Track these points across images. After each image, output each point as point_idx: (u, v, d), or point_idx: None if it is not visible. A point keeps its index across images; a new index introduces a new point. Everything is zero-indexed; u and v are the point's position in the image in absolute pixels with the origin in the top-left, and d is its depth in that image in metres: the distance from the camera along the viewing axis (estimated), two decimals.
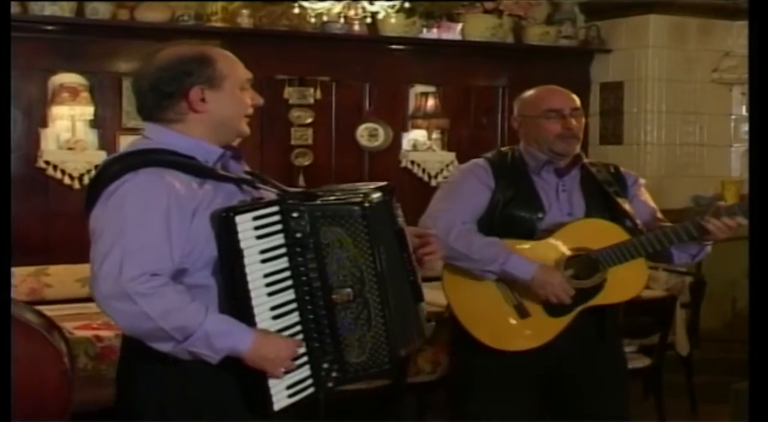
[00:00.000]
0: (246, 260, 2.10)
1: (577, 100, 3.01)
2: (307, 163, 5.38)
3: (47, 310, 4.08)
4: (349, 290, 2.19)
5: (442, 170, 5.68)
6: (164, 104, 2.21)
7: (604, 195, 2.95)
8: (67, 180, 4.77)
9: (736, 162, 6.02)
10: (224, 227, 2.10)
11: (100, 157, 4.81)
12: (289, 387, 2.17)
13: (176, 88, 2.20)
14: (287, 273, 2.17)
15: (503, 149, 3.09)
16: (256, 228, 2.12)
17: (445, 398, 4.51)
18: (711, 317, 5.40)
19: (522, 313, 2.90)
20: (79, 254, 3.73)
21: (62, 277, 4.68)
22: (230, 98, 2.22)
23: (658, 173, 5.90)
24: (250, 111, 2.27)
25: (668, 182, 5.90)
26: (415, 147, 5.69)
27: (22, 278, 4.59)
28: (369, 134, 5.55)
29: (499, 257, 2.84)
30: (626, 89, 5.97)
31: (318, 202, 2.20)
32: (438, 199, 3.03)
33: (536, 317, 2.88)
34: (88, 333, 3.62)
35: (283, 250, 2.16)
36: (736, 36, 5.97)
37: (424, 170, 5.65)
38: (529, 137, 2.97)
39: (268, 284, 2.15)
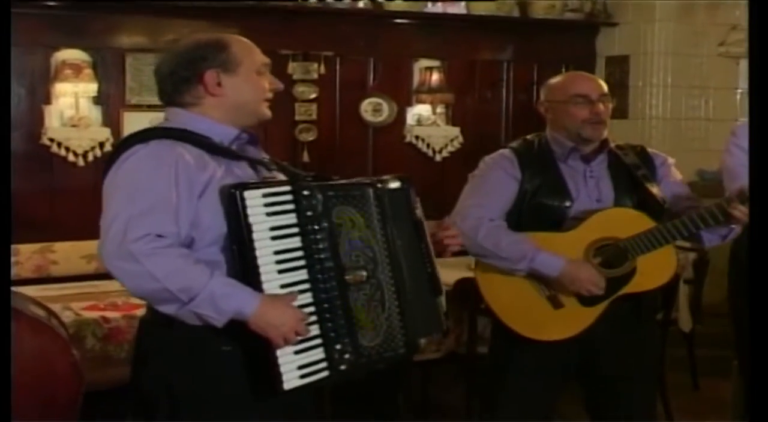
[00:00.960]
0: (255, 236, 2.12)
1: (605, 86, 3.01)
2: (311, 138, 5.37)
3: (53, 288, 4.16)
4: (362, 271, 2.21)
5: (446, 145, 5.68)
6: (182, 89, 2.29)
7: (632, 179, 2.95)
8: (71, 157, 4.78)
9: None
10: (233, 201, 2.12)
11: (105, 134, 4.83)
12: (300, 368, 2.16)
13: (192, 72, 2.27)
14: (300, 253, 2.18)
15: (528, 137, 3.08)
16: (266, 205, 2.14)
17: (449, 374, 4.58)
18: (713, 291, 5.38)
19: (556, 304, 2.93)
20: (85, 231, 3.78)
21: (68, 253, 4.71)
22: (246, 82, 2.28)
23: (663, 148, 5.78)
24: (269, 95, 2.32)
25: (673, 157, 5.80)
26: (419, 122, 5.68)
27: (28, 255, 4.62)
28: (373, 109, 5.54)
29: (526, 255, 2.85)
30: (632, 63, 5.94)
31: (331, 182, 2.25)
32: (466, 194, 3.04)
33: (570, 307, 2.91)
34: (95, 314, 3.63)
35: (295, 229, 2.18)
36: (743, 9, 5.91)
37: (428, 145, 5.65)
38: (557, 123, 2.97)
39: (279, 262, 2.16)
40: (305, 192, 2.19)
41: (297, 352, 2.16)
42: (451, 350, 4.26)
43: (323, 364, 2.20)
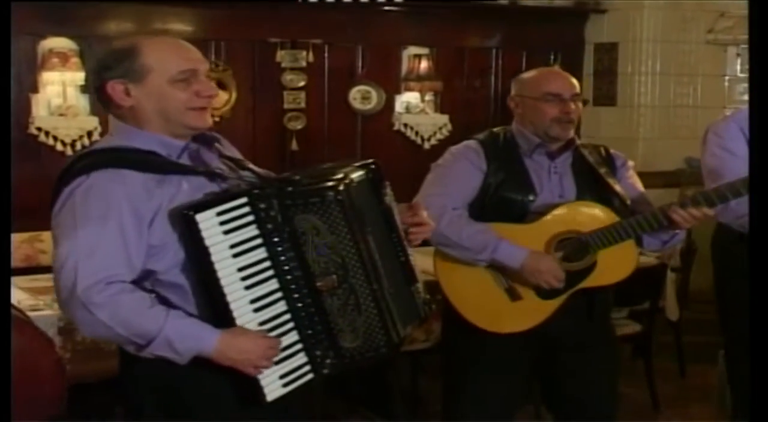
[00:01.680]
0: (214, 258, 2.06)
1: (578, 86, 2.99)
2: (299, 126, 5.36)
3: (42, 279, 4.14)
4: (333, 276, 2.16)
5: (435, 133, 5.68)
6: (100, 99, 2.19)
7: (595, 177, 2.95)
8: (59, 146, 4.76)
9: None
10: (186, 226, 2.05)
11: (92, 122, 4.81)
12: (282, 377, 2.15)
13: (98, 82, 2.17)
14: (267, 264, 2.14)
15: (495, 129, 3.08)
16: (222, 223, 2.07)
17: (439, 363, 4.59)
18: (700, 278, 5.41)
19: (513, 296, 2.92)
20: None
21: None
22: (156, 92, 2.13)
23: (651, 135, 5.90)
24: (196, 104, 2.16)
25: (661, 144, 5.90)
26: (408, 110, 5.68)
27: (17, 244, 4.61)
28: (362, 97, 5.53)
29: (488, 245, 2.84)
30: (621, 50, 5.94)
31: (289, 189, 2.14)
32: (430, 182, 3.02)
33: (528, 299, 2.91)
34: None
35: (258, 241, 2.12)
36: None
37: (417, 133, 5.65)
38: (525, 119, 2.96)
39: (244, 278, 2.10)
40: (262, 204, 2.11)
41: (277, 362, 2.14)
42: (439, 340, 4.27)
43: (306, 368, 2.20)
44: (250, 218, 2.11)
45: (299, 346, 2.19)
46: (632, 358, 4.79)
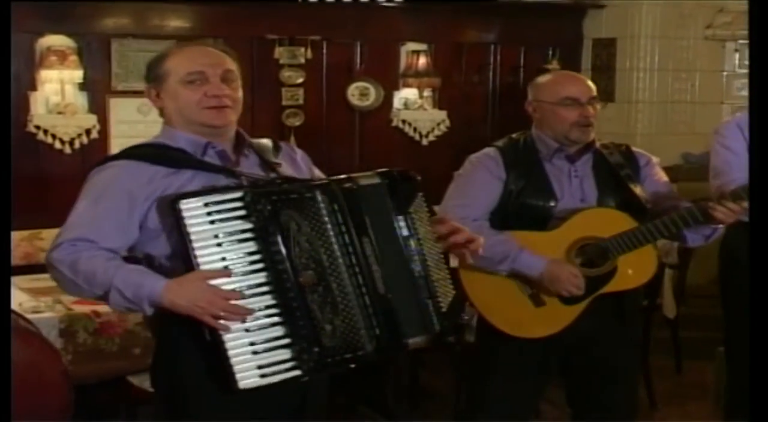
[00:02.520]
0: (195, 245, 2.13)
1: (594, 89, 3.01)
2: (298, 123, 5.36)
3: (43, 278, 4.14)
4: (310, 272, 2.21)
5: (433, 129, 5.68)
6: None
7: (615, 179, 2.98)
8: (58, 144, 4.76)
9: (728, 119, 6.01)
10: (172, 212, 2.15)
11: (91, 120, 4.82)
12: (261, 367, 2.16)
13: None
14: (257, 257, 2.19)
15: (514, 135, 3.10)
16: (209, 213, 2.15)
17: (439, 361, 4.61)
18: (697, 273, 5.45)
19: (537, 302, 2.96)
20: None
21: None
22: (172, 93, 2.34)
23: (649, 131, 5.90)
24: (207, 103, 2.31)
25: (659, 140, 5.90)
26: (406, 106, 5.67)
27: (17, 242, 4.62)
28: (360, 94, 5.53)
29: (509, 255, 2.88)
30: (619, 46, 5.93)
31: (284, 186, 2.26)
32: (450, 193, 3.06)
33: (551, 305, 2.94)
34: (86, 308, 3.63)
35: (248, 234, 2.19)
36: None
37: (415, 129, 5.65)
38: (544, 124, 2.99)
39: (227, 268, 2.16)
40: (250, 198, 2.19)
41: (256, 352, 2.16)
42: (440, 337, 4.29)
43: (290, 364, 2.20)
44: (242, 212, 2.19)
45: (284, 341, 2.19)
46: None
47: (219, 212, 2.16)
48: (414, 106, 5.67)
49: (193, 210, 2.14)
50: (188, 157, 2.30)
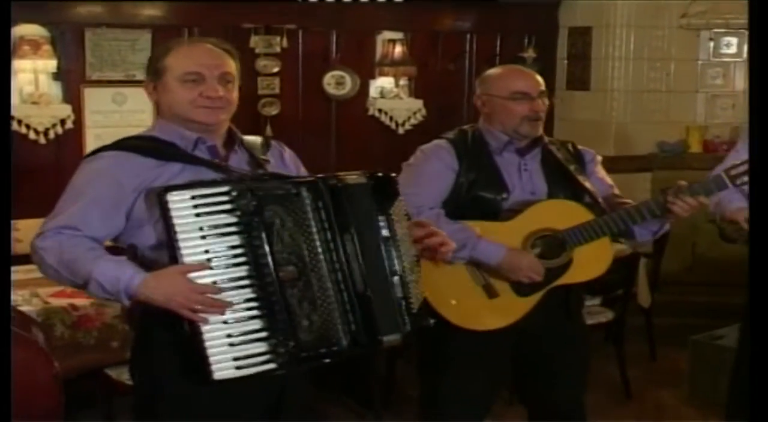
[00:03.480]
0: (179, 236, 2.15)
1: (543, 83, 3.01)
2: (274, 112, 5.35)
3: (20, 271, 4.12)
4: (291, 267, 2.23)
5: (409, 118, 5.68)
6: None
7: (564, 173, 2.99)
8: (32, 135, 4.73)
9: (701, 108, 6.04)
10: (159, 204, 2.18)
11: (66, 110, 4.78)
12: (237, 359, 2.18)
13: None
14: (239, 251, 2.21)
15: (464, 128, 3.09)
16: (196, 206, 2.17)
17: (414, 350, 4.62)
18: (671, 261, 5.50)
19: (490, 293, 2.95)
20: (48, 209, 3.74)
21: (31, 231, 4.52)
22: (168, 90, 2.38)
23: (624, 120, 5.93)
24: (200, 103, 2.33)
25: (634, 128, 5.94)
26: (382, 95, 5.67)
27: None
28: (336, 82, 5.52)
29: (468, 243, 2.86)
30: (594, 35, 5.94)
31: (264, 180, 2.29)
32: (403, 183, 3.01)
33: (505, 296, 2.94)
34: (64, 302, 3.62)
35: (232, 228, 2.21)
36: None
37: (391, 118, 5.65)
38: (493, 118, 2.99)
39: (209, 260, 2.18)
40: (236, 193, 2.21)
41: (233, 344, 2.18)
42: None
43: (265, 357, 2.22)
44: (226, 206, 2.21)
45: (262, 334, 2.21)
46: (604, 343, 4.85)
47: (205, 205, 2.19)
48: (390, 95, 5.67)
49: (179, 202, 2.16)
50: (178, 151, 2.34)
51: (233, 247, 2.21)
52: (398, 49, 5.57)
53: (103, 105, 4.88)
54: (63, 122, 4.77)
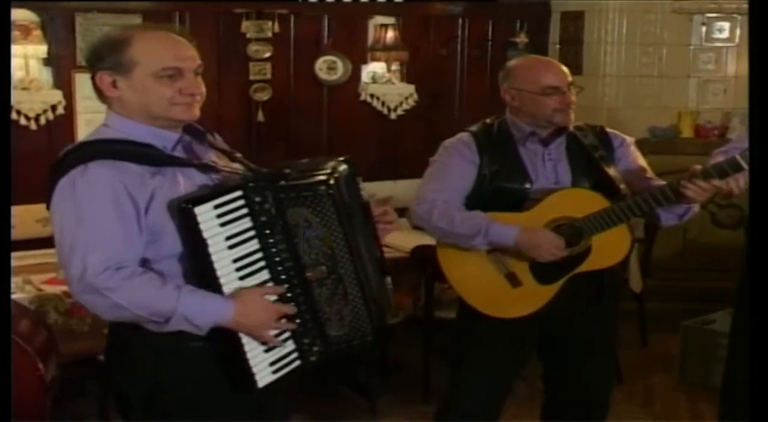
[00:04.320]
0: (211, 249, 2.13)
1: (570, 74, 3.02)
2: (266, 98, 5.33)
3: (13, 257, 4.11)
4: (323, 267, 2.23)
5: (401, 103, 5.66)
6: (93, 87, 2.26)
7: (589, 161, 3.01)
8: (23, 121, 4.68)
9: (693, 93, 6.05)
10: (185, 218, 2.11)
11: (56, 96, 4.74)
12: (272, 364, 2.23)
13: (90, 72, 2.24)
14: (259, 255, 2.21)
15: (488, 120, 3.12)
16: (219, 216, 2.14)
17: (409, 336, 4.64)
18: (662, 246, 5.52)
19: (514, 282, 3.00)
20: (39, 194, 3.71)
21: (23, 217, 4.65)
22: (139, 86, 2.17)
23: (616, 104, 5.94)
24: (179, 100, 2.19)
25: (625, 113, 5.94)
26: (374, 80, 5.64)
27: None
28: (328, 68, 5.50)
29: (481, 228, 2.90)
30: (587, 19, 5.94)
31: (282, 183, 2.21)
32: (426, 179, 3.09)
33: (528, 285, 2.99)
34: (57, 289, 3.63)
35: (251, 233, 2.20)
36: None
37: (383, 104, 5.63)
38: (523, 111, 3.01)
39: (239, 269, 2.18)
40: (257, 197, 2.18)
41: (267, 350, 2.22)
42: (409, 314, 4.33)
43: (294, 355, 2.27)
44: (245, 210, 2.19)
45: (288, 334, 2.25)
46: None
47: (227, 213, 2.16)
48: (382, 80, 5.65)
49: (205, 214, 2.12)
50: (163, 153, 2.22)
51: (255, 252, 2.20)
52: (390, 34, 5.54)
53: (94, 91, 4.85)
54: (54, 107, 4.72)
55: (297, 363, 2.27)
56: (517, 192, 2.98)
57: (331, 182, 2.22)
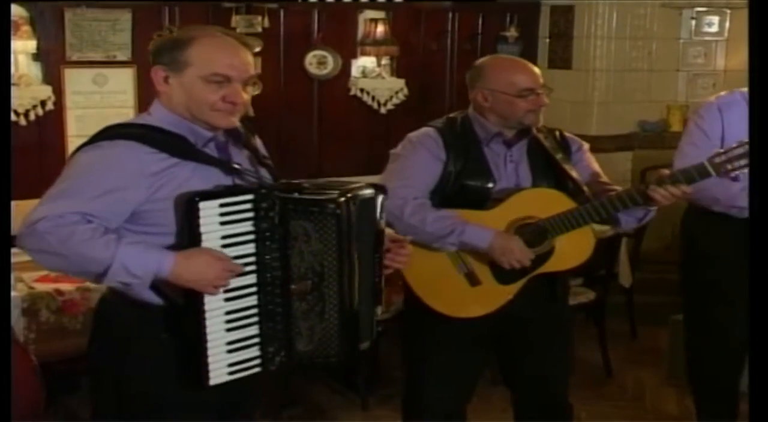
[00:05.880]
0: (203, 245, 2.16)
1: (541, 75, 3.01)
2: (256, 92, 5.28)
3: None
4: (308, 282, 2.24)
5: (391, 97, 5.67)
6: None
7: (550, 163, 3.00)
8: (12, 116, 4.66)
9: (682, 87, 6.07)
10: (188, 210, 2.15)
11: (46, 91, 4.74)
12: (231, 365, 2.24)
13: (151, 64, 2.31)
14: (252, 259, 2.23)
15: (452, 115, 3.09)
16: (222, 214, 2.17)
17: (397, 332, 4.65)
18: (652, 240, 5.54)
19: (473, 281, 2.97)
20: (29, 190, 3.72)
21: (14, 213, 4.61)
22: (187, 86, 2.26)
23: (605, 99, 5.94)
24: (220, 106, 2.25)
25: (615, 108, 5.95)
26: (364, 74, 5.65)
27: None
28: (318, 62, 5.50)
29: (455, 228, 2.88)
30: (577, 13, 5.94)
31: (295, 195, 2.23)
32: (390, 173, 3.03)
33: (487, 284, 2.96)
34: (49, 287, 3.61)
35: (249, 237, 2.22)
36: None
37: (373, 98, 5.63)
38: (494, 112, 2.98)
39: None
40: (264, 204, 2.21)
41: (231, 351, 2.23)
42: (400, 310, 4.32)
43: (256, 361, 2.28)
44: (250, 214, 2.22)
45: (256, 340, 2.27)
46: (585, 323, 4.89)
47: (230, 213, 2.18)
48: (372, 74, 5.65)
49: (208, 210, 2.15)
50: (191, 147, 2.27)
51: (248, 255, 2.22)
52: (380, 29, 5.54)
53: (84, 86, 4.85)
54: (43, 103, 4.72)
55: (257, 369, 2.28)
56: (481, 191, 2.96)
57: (342, 202, 2.22)
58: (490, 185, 2.96)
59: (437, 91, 5.86)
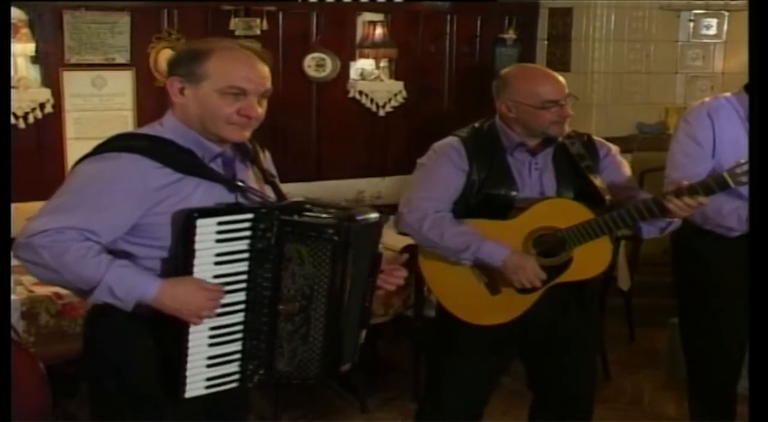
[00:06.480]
0: (196, 260, 2.16)
1: (566, 86, 3.01)
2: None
3: None
4: (297, 304, 2.25)
5: (390, 100, 5.66)
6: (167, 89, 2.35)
7: (575, 171, 3.01)
8: (11, 119, 4.67)
9: (681, 89, 6.08)
10: (185, 225, 2.15)
11: (45, 94, 4.73)
12: (209, 379, 2.26)
13: (167, 75, 2.33)
14: (243, 277, 2.24)
15: (477, 124, 3.11)
16: (219, 232, 2.17)
17: (396, 333, 4.65)
18: (650, 242, 5.51)
19: (493, 290, 3.02)
20: (29, 193, 3.73)
21: (13, 216, 4.62)
22: (203, 98, 2.25)
23: (604, 101, 5.95)
24: (235, 119, 2.25)
25: (614, 110, 5.96)
26: (363, 77, 5.64)
27: None
28: (316, 65, 5.49)
29: (471, 245, 2.92)
30: (575, 15, 5.94)
31: (294, 217, 2.23)
32: (415, 184, 3.08)
33: (507, 293, 3.00)
34: (48, 290, 3.61)
35: (244, 255, 2.22)
36: None
37: (372, 100, 5.63)
38: (518, 122, 2.98)
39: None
40: (262, 225, 2.21)
41: (211, 366, 2.24)
42: (398, 312, 4.34)
43: (234, 377, 2.30)
44: (247, 233, 2.22)
45: (237, 356, 2.29)
46: None
47: (227, 231, 2.19)
48: (371, 77, 5.64)
49: (205, 227, 2.16)
50: (197, 163, 2.27)
51: (240, 273, 2.23)
52: (379, 31, 5.53)
53: (83, 89, 4.84)
54: (42, 106, 4.71)
55: (234, 384, 2.30)
56: (504, 199, 2.98)
57: (341, 229, 2.22)
58: (514, 193, 2.98)
59: (436, 94, 5.86)
